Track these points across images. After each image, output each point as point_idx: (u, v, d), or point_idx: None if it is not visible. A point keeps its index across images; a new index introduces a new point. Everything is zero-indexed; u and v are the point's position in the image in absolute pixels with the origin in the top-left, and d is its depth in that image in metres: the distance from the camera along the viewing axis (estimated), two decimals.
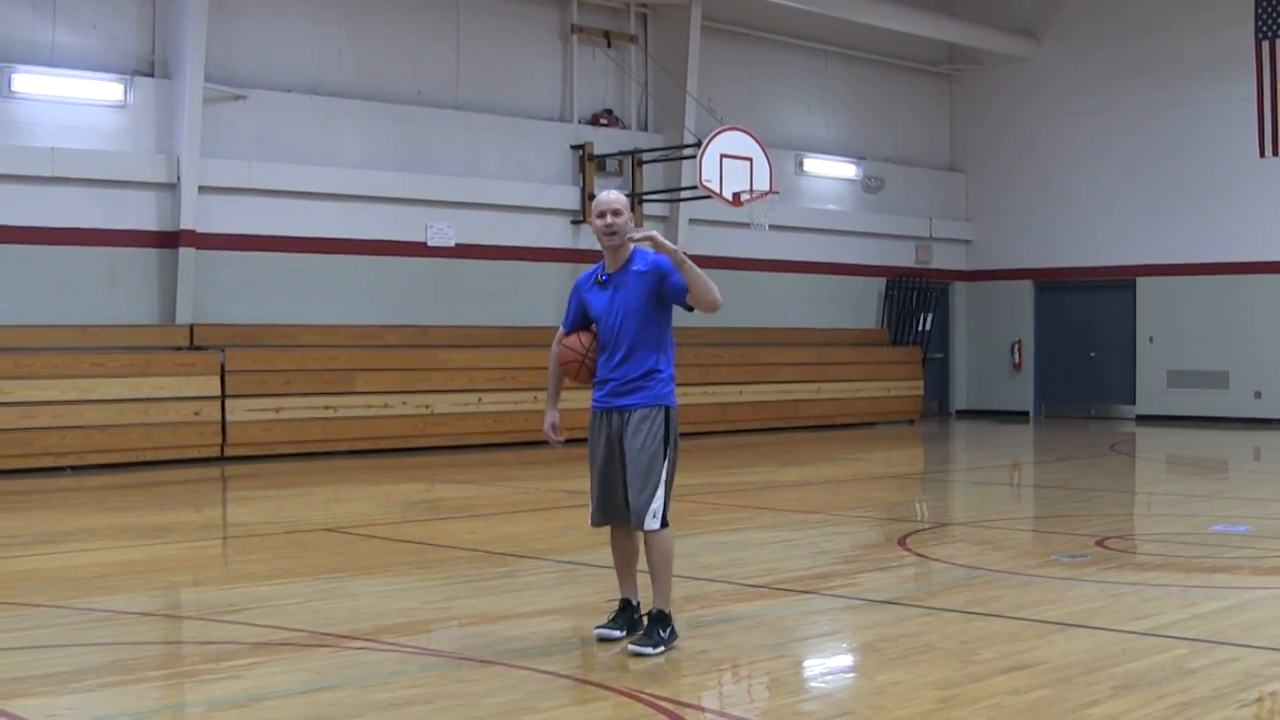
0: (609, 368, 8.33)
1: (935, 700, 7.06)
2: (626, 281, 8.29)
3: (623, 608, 8.54)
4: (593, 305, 8.43)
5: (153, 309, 21.26)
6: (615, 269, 8.36)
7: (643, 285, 8.24)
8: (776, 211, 25.90)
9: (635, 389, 8.25)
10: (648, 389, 8.26)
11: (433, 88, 24.58)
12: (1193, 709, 6.86)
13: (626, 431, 8.21)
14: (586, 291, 8.49)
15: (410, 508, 16.34)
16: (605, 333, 8.36)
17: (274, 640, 8.56)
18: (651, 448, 8.18)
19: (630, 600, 8.55)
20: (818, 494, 17.85)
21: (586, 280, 8.54)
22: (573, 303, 8.59)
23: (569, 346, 8.52)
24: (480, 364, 23.37)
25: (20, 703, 7.00)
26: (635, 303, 8.24)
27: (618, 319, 8.27)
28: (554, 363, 8.63)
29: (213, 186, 21.59)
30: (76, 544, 13.06)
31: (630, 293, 8.26)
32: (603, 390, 8.37)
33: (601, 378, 8.37)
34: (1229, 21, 29.09)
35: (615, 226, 8.23)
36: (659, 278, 8.21)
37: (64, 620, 9.24)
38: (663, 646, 8.03)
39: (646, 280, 8.24)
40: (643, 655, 7.95)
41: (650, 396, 8.26)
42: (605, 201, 8.31)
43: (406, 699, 7.11)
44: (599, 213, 8.30)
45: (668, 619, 8.18)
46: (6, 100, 20.11)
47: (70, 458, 19.37)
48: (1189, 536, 13.28)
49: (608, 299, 8.33)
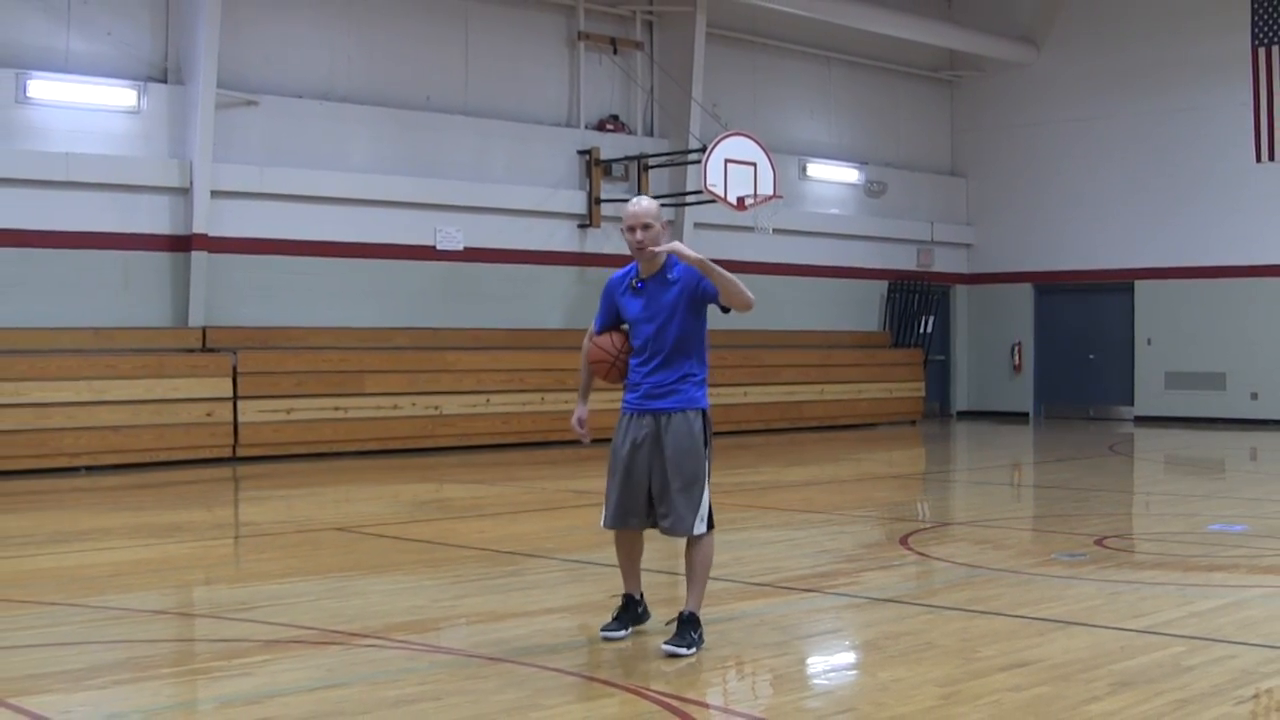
0: (643, 372, 8.32)
1: (937, 697, 7.06)
2: (661, 288, 8.28)
3: (626, 604, 8.54)
4: (627, 310, 8.43)
5: (166, 312, 21.27)
6: (649, 275, 8.35)
7: (677, 291, 8.23)
8: (780, 215, 25.91)
9: (671, 392, 8.25)
10: (683, 392, 8.27)
11: (441, 93, 24.59)
12: (1190, 705, 6.86)
13: (666, 436, 8.21)
14: (620, 295, 8.47)
15: (419, 507, 16.33)
16: (640, 338, 8.35)
17: (285, 638, 8.56)
18: (693, 451, 8.21)
19: (633, 596, 8.55)
20: (821, 494, 17.84)
21: (619, 283, 8.51)
22: (604, 303, 8.57)
23: (600, 346, 8.51)
24: (488, 366, 23.37)
25: (35, 699, 7.01)
26: (670, 309, 8.23)
27: (653, 325, 8.27)
28: (585, 359, 8.62)
29: (225, 191, 21.59)
30: (90, 543, 13.07)
31: (665, 299, 8.25)
32: (637, 393, 8.35)
33: (635, 381, 8.36)
34: (1225, 28, 29.08)
35: (644, 242, 8.20)
36: (693, 283, 8.19)
37: (78, 618, 9.24)
38: (695, 647, 8.01)
39: (681, 286, 8.23)
40: (677, 655, 7.92)
41: (686, 400, 8.27)
42: (633, 215, 8.25)
43: (415, 695, 7.10)
44: (628, 227, 8.27)
45: (699, 621, 8.15)
46: (22, 106, 20.13)
47: (84, 458, 19.38)
48: (1186, 536, 13.28)
49: (642, 305, 8.33)
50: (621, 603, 8.57)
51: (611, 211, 26.20)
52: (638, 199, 8.45)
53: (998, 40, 31.88)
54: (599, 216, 25.98)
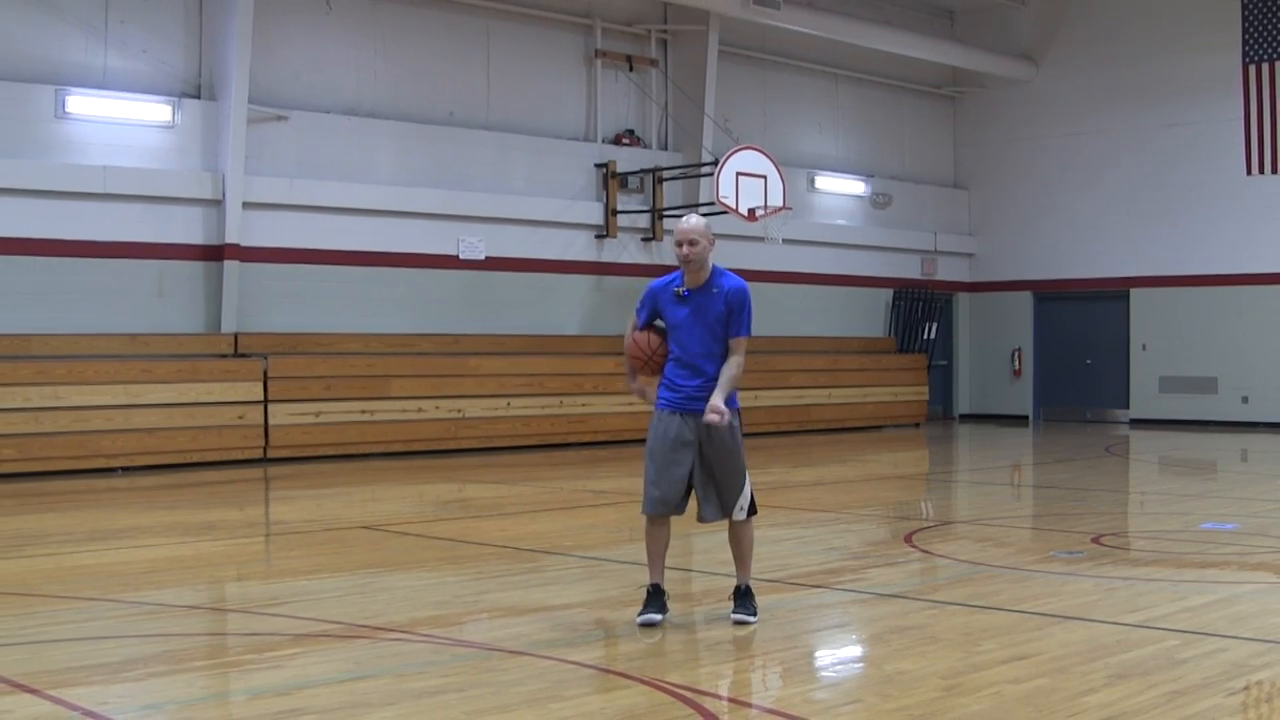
0: (684, 374, 8.59)
1: (940, 689, 7.05)
2: (706, 299, 8.57)
3: (654, 592, 8.68)
4: (669, 315, 8.69)
5: (199, 318, 21.31)
6: (695, 286, 8.60)
7: (720, 304, 8.55)
8: (789, 226, 25.87)
9: (709, 394, 8.47)
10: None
11: (464, 109, 24.61)
12: (1183, 697, 6.84)
13: (711, 434, 8.50)
14: (664, 300, 8.71)
15: (443, 506, 16.34)
16: (681, 343, 8.61)
17: (314, 632, 8.56)
18: (733, 446, 8.56)
19: (659, 585, 8.69)
20: (829, 493, 17.82)
21: (664, 289, 8.74)
22: (647, 302, 8.83)
23: (638, 344, 8.80)
24: (509, 371, 23.38)
25: (74, 691, 7.02)
26: (713, 320, 8.55)
27: (695, 332, 8.56)
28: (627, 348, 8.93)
29: (256, 203, 21.63)
30: (127, 541, 13.09)
31: (708, 310, 8.56)
32: (677, 394, 8.60)
33: (677, 383, 8.60)
34: (1216, 48, 29.06)
35: (691, 256, 8.51)
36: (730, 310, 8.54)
37: (115, 613, 9.26)
38: (757, 614, 8.62)
39: (723, 301, 8.54)
40: (746, 623, 8.56)
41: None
42: (683, 231, 8.57)
43: (439, 687, 7.11)
44: (677, 241, 8.58)
45: (753, 592, 8.75)
46: (61, 121, 20.19)
47: (121, 459, 19.42)
48: (1180, 534, 13.25)
49: (687, 313, 8.60)
50: (649, 590, 8.70)
51: (627, 223, 26.25)
52: (688, 217, 8.79)
53: (999, 58, 31.86)
54: (615, 227, 25.99)
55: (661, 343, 8.71)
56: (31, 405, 18.68)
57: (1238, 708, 6.81)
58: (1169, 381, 30.52)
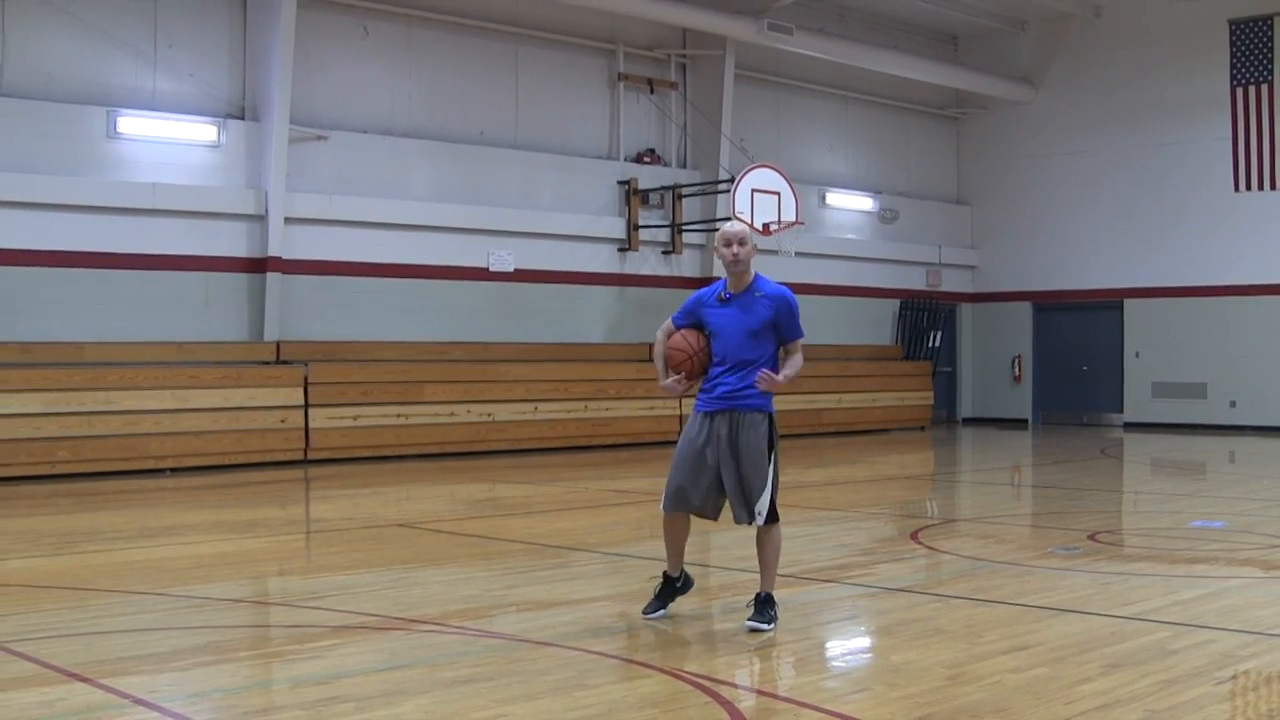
0: (722, 375, 8.43)
1: (944, 678, 7.04)
2: (749, 303, 8.44)
3: (664, 584, 8.67)
4: (712, 319, 8.50)
5: (243, 327, 21.36)
6: (738, 290, 8.49)
7: (764, 309, 8.41)
8: (802, 240, 25.88)
9: (744, 397, 8.37)
10: (753, 397, 8.39)
11: (494, 129, 24.63)
12: (1175, 685, 6.83)
13: (738, 436, 8.35)
14: (708, 306, 8.56)
15: (473, 506, 16.35)
16: (721, 346, 8.45)
17: (351, 624, 8.58)
18: (761, 449, 8.37)
19: (673, 576, 8.67)
20: (839, 493, 17.79)
21: (709, 296, 8.61)
22: (690, 307, 8.65)
23: (685, 338, 8.56)
24: (537, 377, 23.37)
25: (124, 680, 7.03)
26: (754, 323, 8.39)
27: (737, 335, 8.40)
28: (660, 349, 8.66)
29: (297, 218, 21.68)
30: (175, 538, 13.10)
31: (751, 314, 8.41)
32: (714, 394, 8.44)
33: (715, 384, 8.45)
34: (1205, 70, 29.06)
35: (739, 256, 8.39)
36: (781, 315, 8.46)
37: (163, 606, 9.29)
38: (773, 623, 8.24)
39: (768, 306, 8.42)
40: (760, 631, 8.17)
41: (756, 404, 8.40)
42: (730, 234, 8.45)
43: (470, 676, 7.11)
44: (725, 242, 8.44)
45: (774, 600, 8.39)
46: (113, 140, 20.25)
47: (169, 460, 19.44)
48: (1171, 531, 13.22)
49: (729, 316, 8.44)
50: (661, 583, 8.69)
51: (648, 237, 26.27)
52: (732, 222, 8.81)
53: (1000, 81, 31.82)
54: (637, 241, 26.01)
55: (706, 342, 8.50)
56: (85, 409, 18.72)
57: (1226, 695, 6.79)
58: (1161, 387, 30.45)
